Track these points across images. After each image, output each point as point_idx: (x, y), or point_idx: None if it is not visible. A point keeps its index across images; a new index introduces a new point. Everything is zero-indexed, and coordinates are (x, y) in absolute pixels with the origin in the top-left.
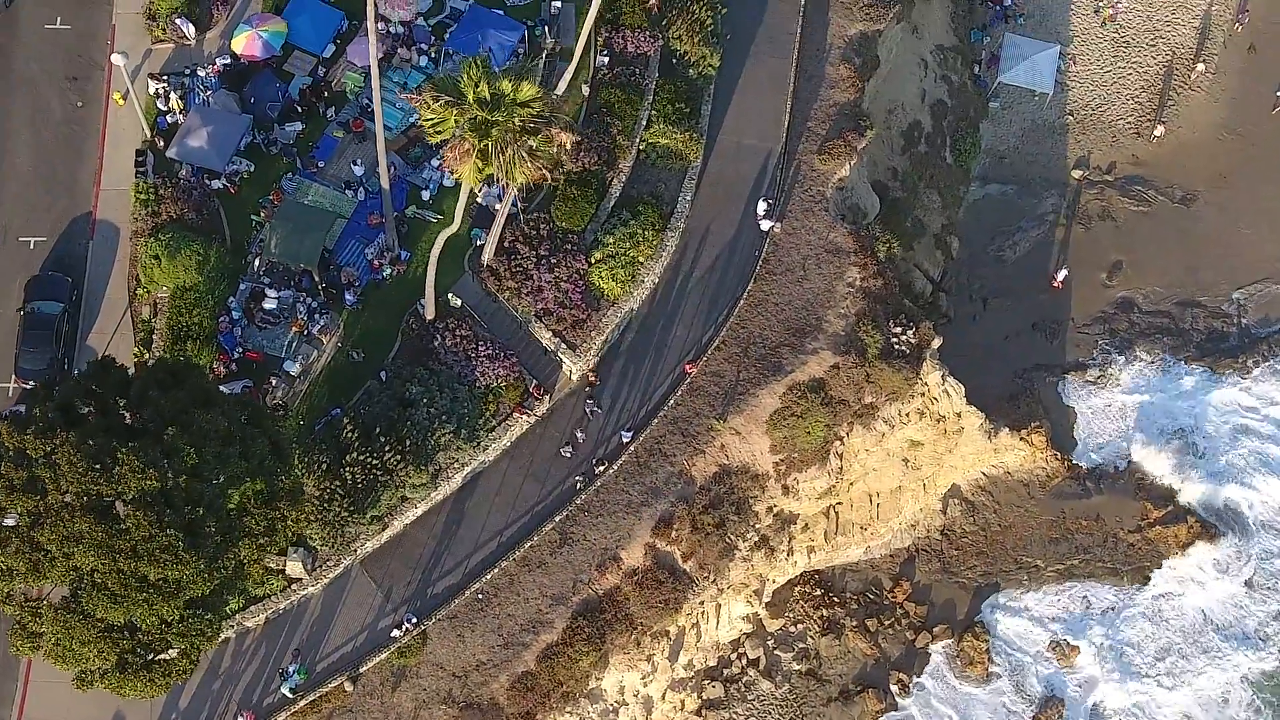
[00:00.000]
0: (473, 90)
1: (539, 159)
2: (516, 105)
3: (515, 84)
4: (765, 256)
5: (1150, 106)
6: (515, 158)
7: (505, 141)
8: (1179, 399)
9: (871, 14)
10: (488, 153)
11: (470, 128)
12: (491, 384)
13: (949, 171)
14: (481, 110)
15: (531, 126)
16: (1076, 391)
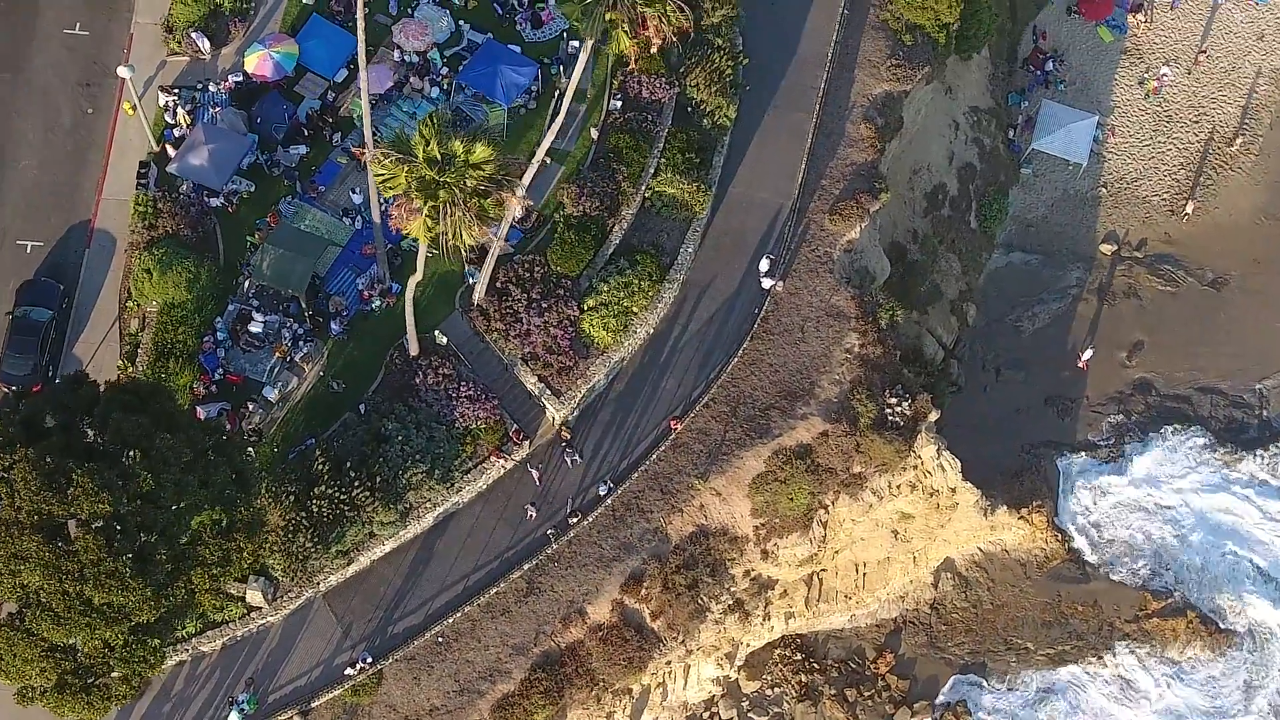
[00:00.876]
0: (423, 149)
1: (488, 222)
2: (468, 167)
3: (468, 145)
4: (764, 315)
5: (1187, 184)
6: (463, 220)
7: (453, 203)
8: (1191, 490)
9: (899, 74)
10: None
11: (418, 187)
12: (471, 425)
13: (972, 237)
14: (430, 170)
15: (482, 189)
16: (1085, 472)
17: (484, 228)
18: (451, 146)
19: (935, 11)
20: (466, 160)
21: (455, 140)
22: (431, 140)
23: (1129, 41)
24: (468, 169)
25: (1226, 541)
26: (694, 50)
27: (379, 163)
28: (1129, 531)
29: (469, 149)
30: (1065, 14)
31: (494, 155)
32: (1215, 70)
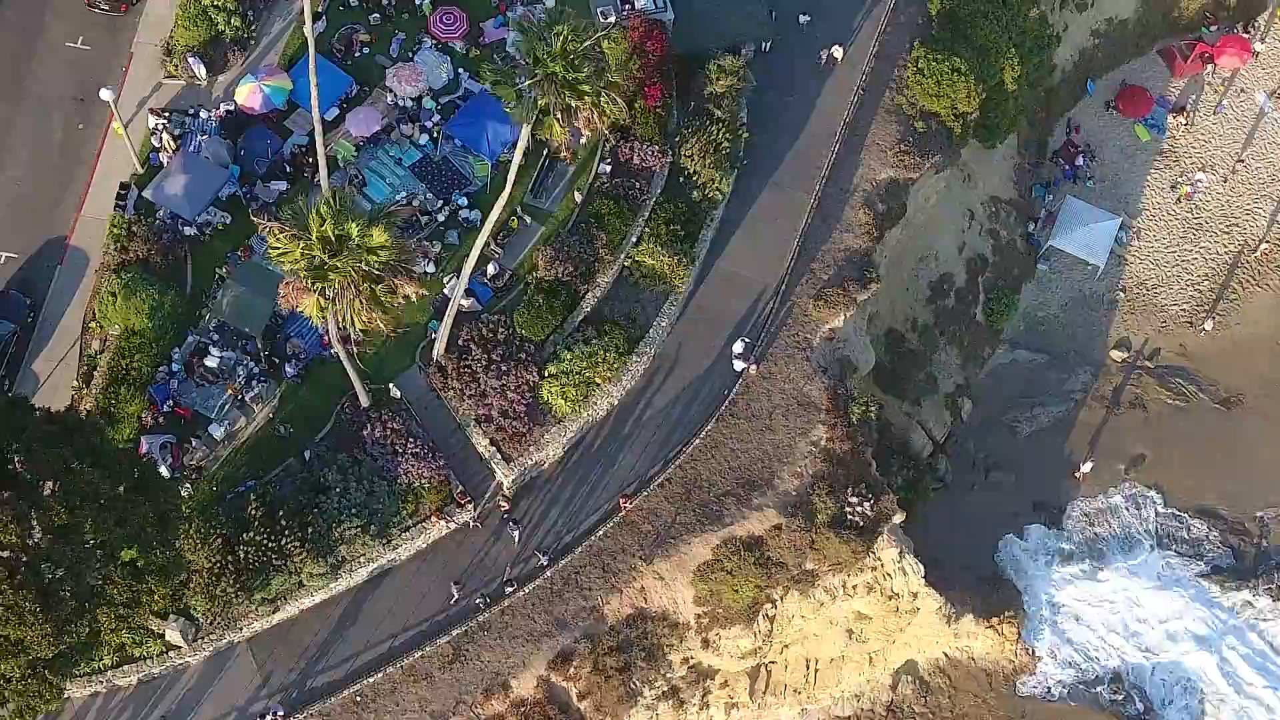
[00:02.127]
0: (318, 227)
1: (382, 309)
2: (364, 251)
3: (365, 228)
4: (733, 398)
5: (1210, 296)
6: (353, 304)
7: (344, 286)
8: (1174, 617)
9: (906, 162)
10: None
11: (307, 267)
12: (414, 483)
13: (977, 330)
14: (323, 251)
15: (376, 275)
16: (1066, 585)
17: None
18: (348, 228)
19: (951, 100)
20: (362, 244)
21: (352, 222)
22: (328, 220)
23: (1166, 143)
24: (362, 253)
25: (1202, 677)
26: (692, 119)
27: (274, 236)
28: (1105, 652)
29: (366, 232)
30: (1103, 108)
31: (390, 240)
32: (1253, 181)
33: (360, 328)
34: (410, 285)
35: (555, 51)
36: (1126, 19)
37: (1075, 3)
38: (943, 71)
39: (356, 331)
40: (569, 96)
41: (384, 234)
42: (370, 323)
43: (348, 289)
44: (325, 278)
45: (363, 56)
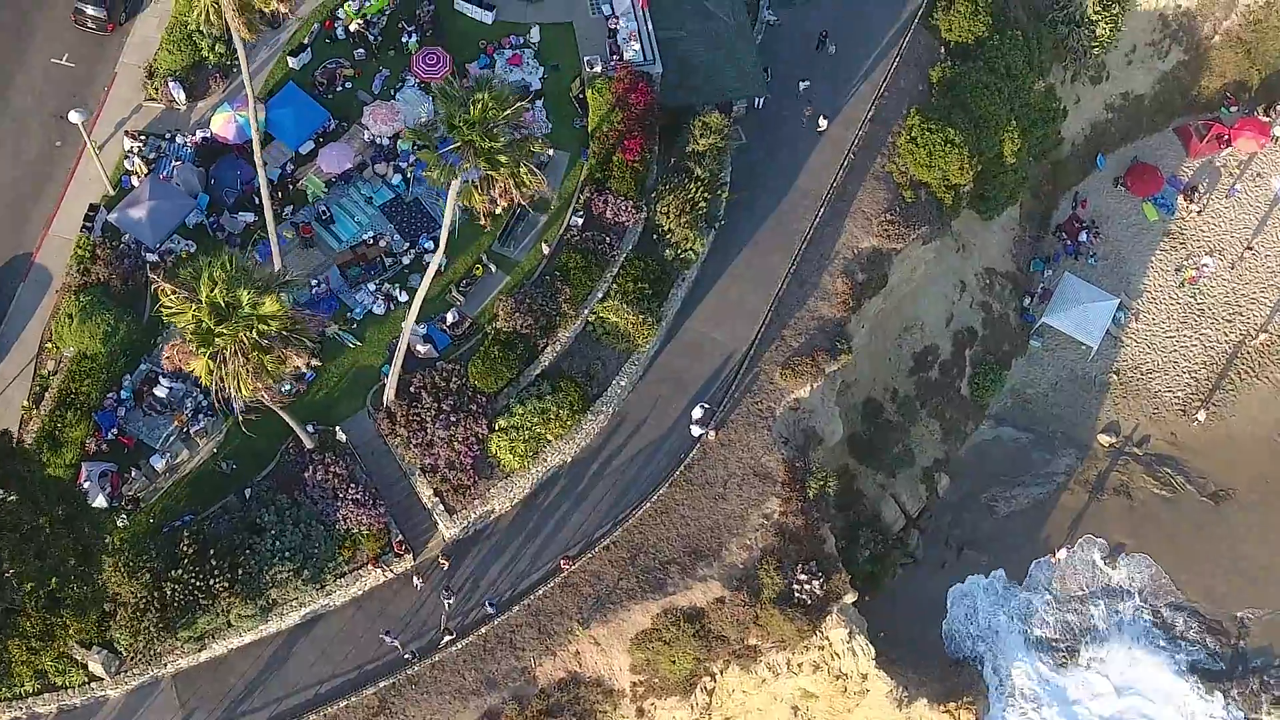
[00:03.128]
0: (207, 291)
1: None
2: (254, 318)
3: (256, 295)
4: (689, 463)
5: (1206, 385)
6: (240, 372)
7: (230, 353)
8: (1143, 714)
9: (890, 232)
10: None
11: (193, 331)
12: (353, 530)
13: (961, 404)
14: (211, 317)
15: (264, 344)
16: (1035, 672)
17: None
18: (239, 294)
19: (944, 171)
20: (252, 312)
21: (245, 289)
22: (220, 285)
23: (1174, 224)
24: (252, 321)
25: None
26: (671, 176)
27: (165, 295)
28: None
29: (257, 300)
30: (1112, 184)
31: (281, 309)
32: (1261, 269)
33: (246, 396)
34: (300, 357)
35: (473, 118)
36: (1143, 95)
37: (1090, 76)
38: (936, 142)
39: (241, 399)
40: (484, 167)
41: (276, 303)
42: (256, 392)
43: (235, 356)
44: (211, 344)
45: (344, 91)
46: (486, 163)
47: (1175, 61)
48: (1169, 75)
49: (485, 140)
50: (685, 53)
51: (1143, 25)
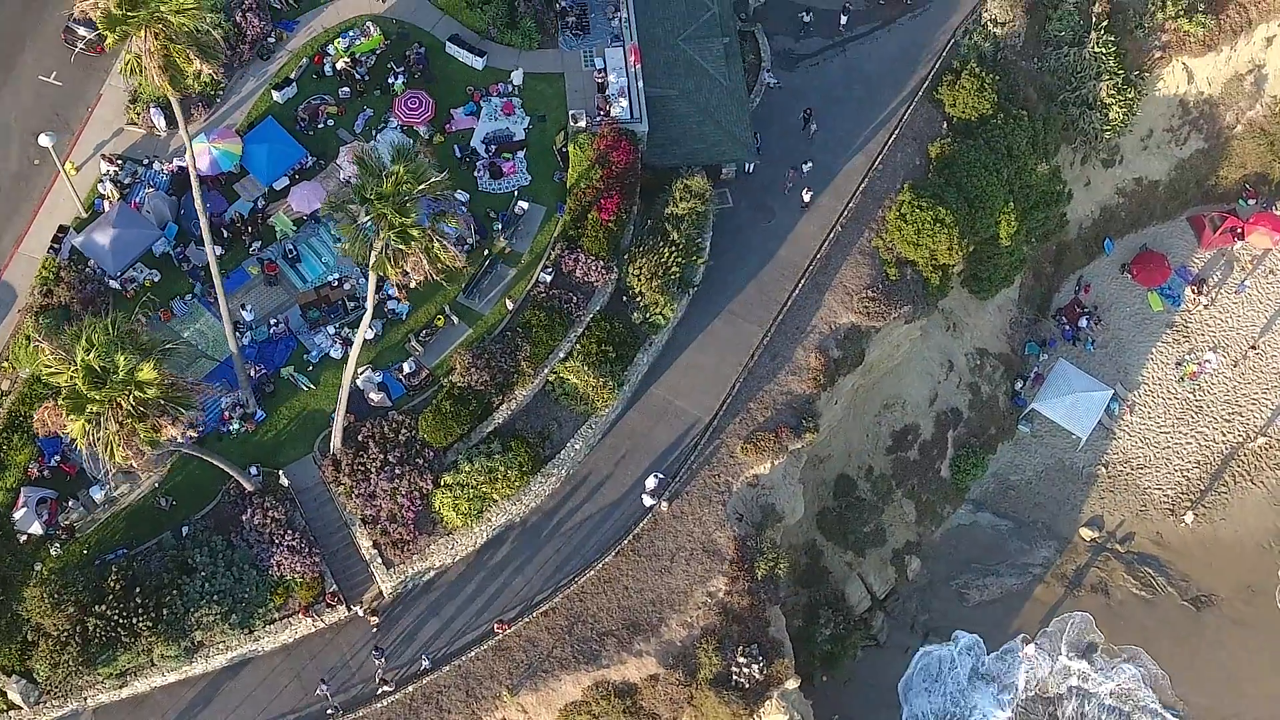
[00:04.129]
0: (83, 354)
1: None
2: (133, 385)
3: (134, 361)
4: (638, 534)
5: (1198, 486)
6: (113, 439)
7: (103, 420)
8: None
9: (870, 309)
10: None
11: (66, 395)
12: (286, 576)
13: (939, 486)
14: (85, 380)
15: (140, 412)
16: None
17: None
18: (116, 360)
19: (931, 251)
20: (129, 379)
21: (122, 354)
22: (95, 348)
23: (1179, 316)
24: (130, 388)
25: None
26: (647, 238)
27: (43, 353)
28: None
29: (135, 366)
30: (1119, 270)
31: (160, 377)
32: (1265, 370)
33: (119, 462)
34: (175, 428)
35: (385, 192)
36: (1158, 181)
37: (1101, 159)
38: (925, 220)
39: (113, 465)
40: (396, 240)
41: (153, 371)
42: (128, 460)
43: (108, 423)
44: (82, 409)
45: (326, 129)
46: (398, 237)
47: (1194, 149)
48: (1186, 163)
49: (397, 215)
50: (675, 112)
51: (1161, 110)
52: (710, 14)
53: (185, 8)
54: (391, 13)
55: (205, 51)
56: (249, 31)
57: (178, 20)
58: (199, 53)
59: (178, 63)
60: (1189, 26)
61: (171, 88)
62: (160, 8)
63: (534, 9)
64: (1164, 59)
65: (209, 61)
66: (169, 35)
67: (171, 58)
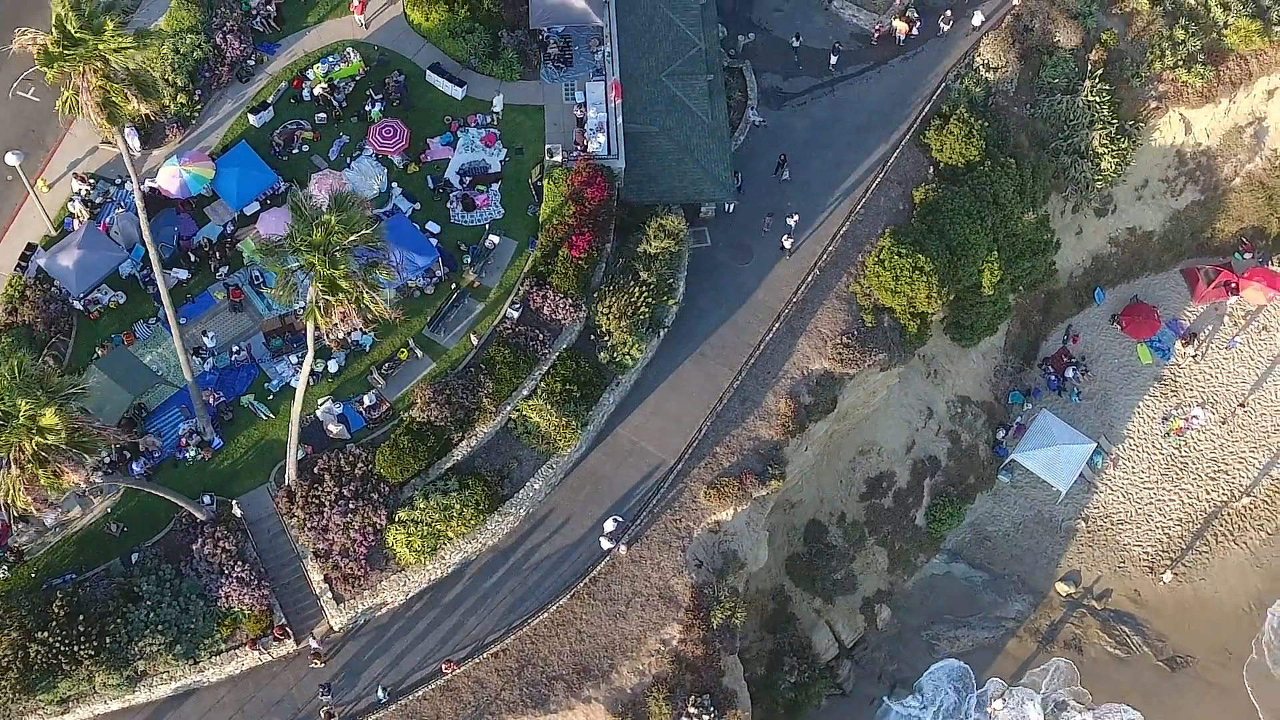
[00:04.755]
0: None
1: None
2: (35, 430)
3: (36, 404)
4: (595, 576)
5: (1180, 544)
6: (14, 484)
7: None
8: None
9: (844, 356)
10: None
11: None
12: (234, 608)
13: (914, 535)
14: None
15: (41, 457)
16: None
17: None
18: (18, 404)
19: (909, 298)
20: (30, 423)
21: (24, 398)
22: None
23: (1168, 370)
24: (30, 432)
25: None
26: (618, 277)
27: None
28: None
29: (37, 410)
30: (1108, 321)
31: (62, 422)
32: (1253, 428)
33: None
34: (77, 474)
35: (316, 241)
36: (1152, 231)
37: (1094, 207)
38: (904, 267)
39: (15, 509)
40: (323, 291)
41: (56, 416)
42: (29, 506)
43: (8, 467)
44: None
45: (300, 154)
46: (325, 288)
47: (1190, 200)
48: (1181, 214)
49: (326, 266)
50: (655, 149)
51: (1157, 160)
52: (696, 50)
53: (124, 47)
54: (374, 39)
55: (144, 90)
56: (228, 53)
57: (116, 59)
58: (137, 91)
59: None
60: (1187, 77)
61: (109, 124)
62: (98, 46)
63: (517, 40)
64: (1160, 109)
65: (147, 100)
66: (107, 74)
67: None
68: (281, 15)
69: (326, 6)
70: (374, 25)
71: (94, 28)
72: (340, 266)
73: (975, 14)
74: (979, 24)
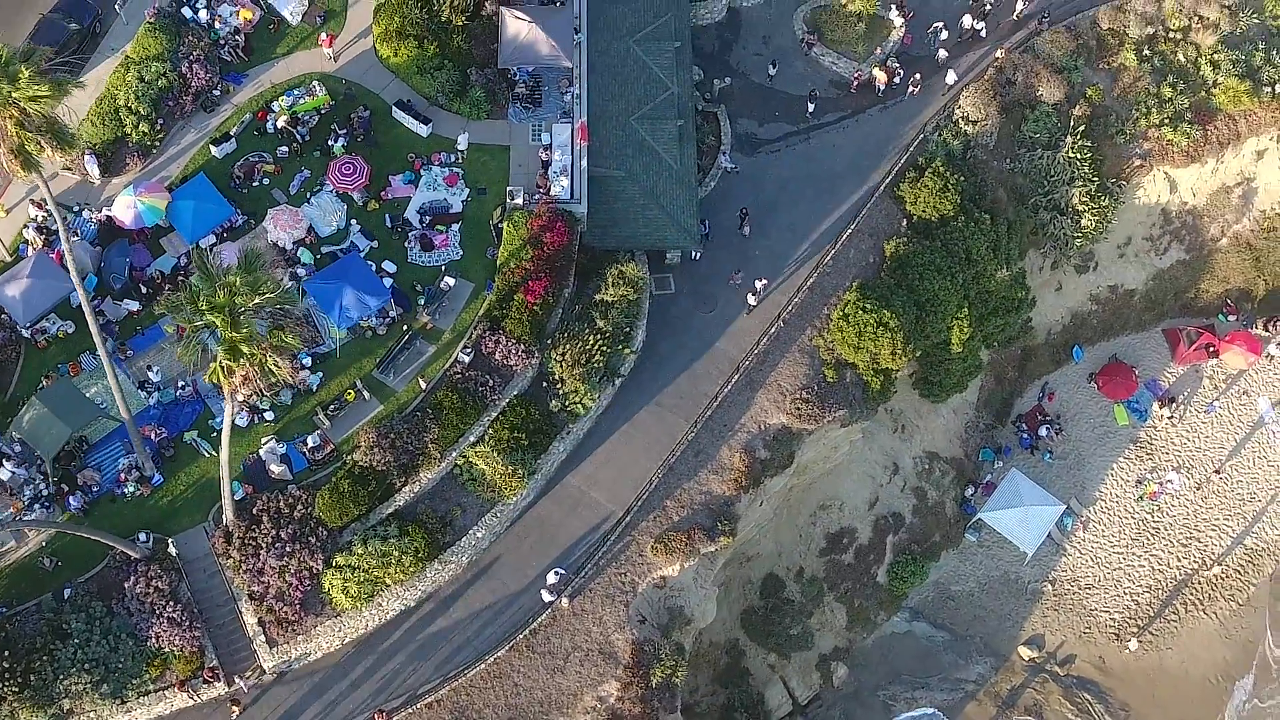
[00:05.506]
0: None
1: None
2: None
3: None
4: (535, 628)
5: (1147, 611)
6: None
7: None
8: None
9: (803, 411)
10: None
11: None
12: (164, 648)
13: (874, 592)
14: None
15: None
16: None
17: None
18: None
19: (872, 354)
20: None
21: None
22: None
23: (1144, 432)
24: None
25: None
26: (574, 324)
27: None
28: None
29: None
30: (1086, 379)
31: None
32: (1229, 494)
33: None
34: None
35: (218, 303)
36: (1134, 290)
37: (1074, 264)
38: (867, 323)
39: None
40: (225, 355)
41: None
42: None
43: None
44: None
45: (261, 187)
46: (226, 352)
47: (1174, 259)
48: (1165, 273)
49: (228, 328)
50: (620, 194)
51: (1141, 218)
52: (669, 94)
53: (40, 95)
54: (343, 72)
55: (59, 138)
56: (193, 83)
57: (32, 107)
58: (52, 139)
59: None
60: (1173, 136)
61: (23, 170)
62: (12, 94)
63: (486, 78)
64: (1145, 167)
65: (63, 149)
66: (21, 121)
67: (24, 144)
68: (250, 45)
69: (296, 38)
70: (344, 59)
71: (9, 74)
72: (243, 329)
73: (949, 73)
74: (952, 82)
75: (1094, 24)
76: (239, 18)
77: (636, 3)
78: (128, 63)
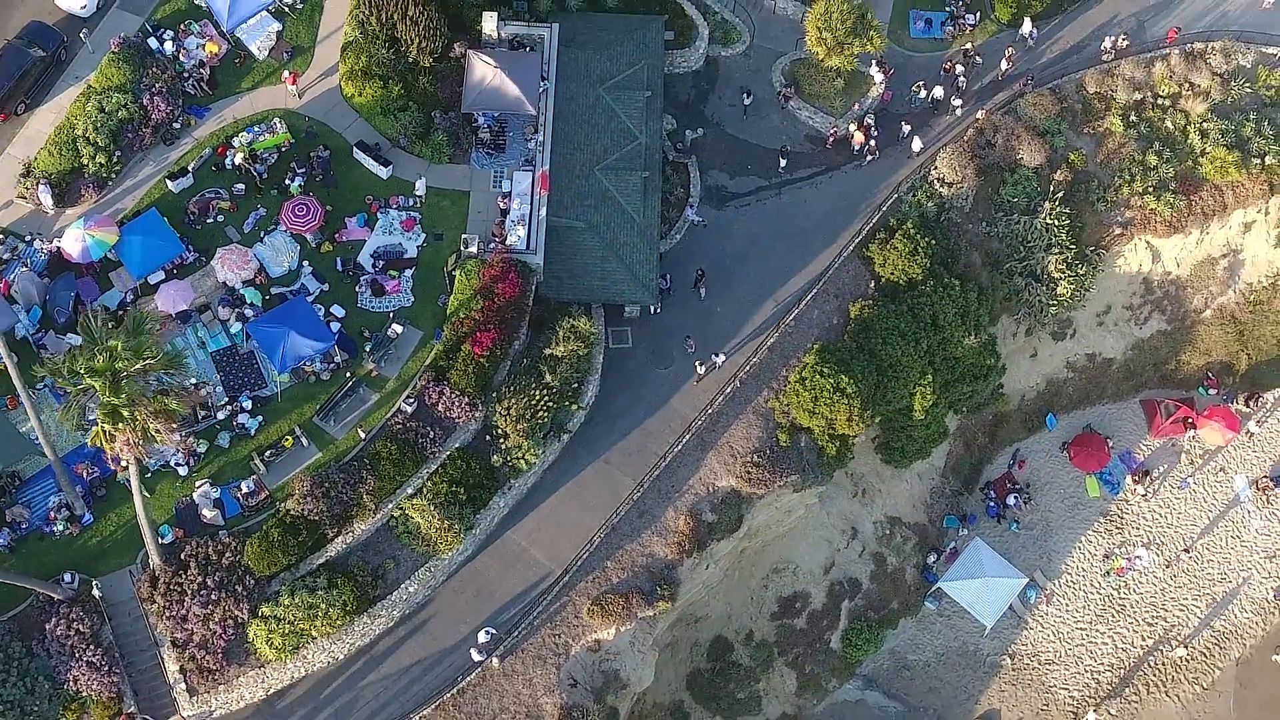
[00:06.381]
0: None
1: None
2: None
3: None
4: (463, 688)
5: (1107, 690)
6: None
7: None
8: None
9: (753, 476)
10: None
11: None
12: (83, 692)
13: (827, 658)
14: None
15: None
16: None
17: None
18: None
19: (828, 420)
20: None
21: None
22: None
23: (1115, 505)
24: None
25: None
26: (521, 377)
27: None
28: None
29: None
30: (1059, 448)
31: None
32: (1198, 574)
33: None
34: None
35: (99, 367)
36: (1112, 359)
37: (1051, 331)
38: (823, 388)
39: None
40: (105, 419)
41: None
42: None
43: None
44: None
45: (215, 224)
46: (107, 416)
47: (1155, 330)
48: (1145, 343)
49: (108, 393)
50: (579, 245)
51: (1122, 286)
52: (637, 144)
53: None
54: (307, 109)
55: None
56: (154, 115)
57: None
58: None
59: None
60: (1156, 205)
61: None
62: None
63: (450, 121)
64: (1125, 236)
65: None
66: None
67: None
68: (215, 79)
69: (262, 73)
70: (309, 96)
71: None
72: (124, 394)
73: (915, 140)
74: (918, 150)
75: (1080, 87)
76: (205, 50)
77: (609, 50)
78: (89, 92)
